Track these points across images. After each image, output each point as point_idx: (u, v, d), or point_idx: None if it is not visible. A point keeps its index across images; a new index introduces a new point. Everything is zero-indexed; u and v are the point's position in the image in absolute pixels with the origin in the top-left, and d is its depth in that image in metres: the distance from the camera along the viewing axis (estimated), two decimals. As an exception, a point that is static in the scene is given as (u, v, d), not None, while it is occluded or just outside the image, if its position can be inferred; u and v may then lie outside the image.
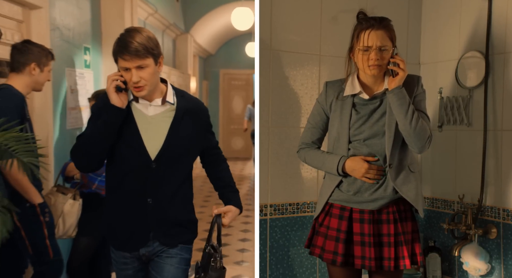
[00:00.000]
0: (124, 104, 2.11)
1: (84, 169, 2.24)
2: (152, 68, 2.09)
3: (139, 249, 2.19)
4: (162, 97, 2.18)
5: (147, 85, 2.10)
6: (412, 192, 2.36)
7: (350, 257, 2.36)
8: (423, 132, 2.28)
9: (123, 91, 2.11)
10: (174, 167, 2.17)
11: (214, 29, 9.99)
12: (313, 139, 2.51)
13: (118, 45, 2.06)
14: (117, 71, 2.12)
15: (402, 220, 2.38)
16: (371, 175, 2.32)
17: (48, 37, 3.56)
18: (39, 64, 2.91)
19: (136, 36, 2.05)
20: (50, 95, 3.29)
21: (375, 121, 2.35)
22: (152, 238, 2.18)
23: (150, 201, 2.15)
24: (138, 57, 2.04)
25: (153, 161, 2.14)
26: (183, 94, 2.27)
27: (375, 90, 2.37)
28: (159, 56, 2.12)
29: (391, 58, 2.28)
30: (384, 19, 2.29)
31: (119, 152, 2.15)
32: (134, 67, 2.05)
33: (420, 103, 2.37)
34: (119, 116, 2.10)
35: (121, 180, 2.17)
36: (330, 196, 2.42)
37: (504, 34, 3.07)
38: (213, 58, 12.13)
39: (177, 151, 2.17)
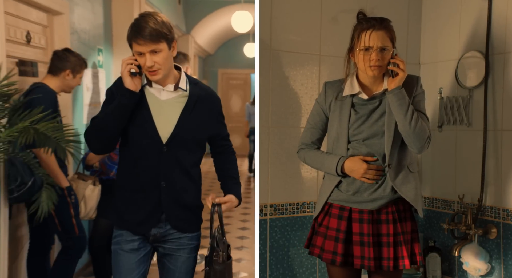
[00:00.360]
0: (138, 87, 2.16)
1: (96, 151, 2.28)
2: (166, 53, 2.13)
3: (151, 229, 2.23)
4: (175, 83, 2.23)
5: (161, 69, 2.14)
6: (412, 192, 2.36)
7: (350, 257, 2.36)
8: (422, 133, 2.28)
9: (137, 75, 2.15)
10: (184, 151, 2.21)
11: (213, 30, 10.36)
12: (313, 140, 2.51)
13: (132, 30, 2.10)
14: (132, 56, 2.16)
15: (402, 220, 2.38)
16: (370, 175, 2.32)
17: (69, 40, 3.95)
18: (73, 71, 3.38)
19: (150, 20, 2.08)
20: (70, 93, 3.61)
21: (374, 121, 2.35)
22: (164, 220, 2.23)
23: (164, 184, 2.20)
24: (152, 41, 2.07)
25: (164, 145, 2.18)
26: (197, 82, 2.31)
27: (374, 90, 2.37)
28: (173, 41, 2.16)
29: (391, 59, 2.28)
30: (384, 20, 2.29)
31: (131, 135, 2.20)
32: (148, 51, 2.09)
33: (419, 104, 2.37)
34: (133, 99, 2.14)
35: (134, 163, 2.21)
36: (330, 196, 2.42)
37: (504, 34, 3.07)
38: (212, 58, 12.49)
39: (187, 136, 2.21)
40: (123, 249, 2.25)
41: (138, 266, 2.25)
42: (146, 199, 2.21)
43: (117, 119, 2.14)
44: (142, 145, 2.19)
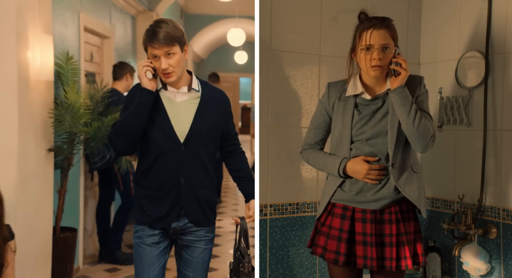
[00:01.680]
0: (154, 88, 2.31)
1: (120, 152, 2.45)
2: (179, 55, 2.28)
3: (171, 223, 2.38)
4: (188, 84, 2.38)
5: (175, 72, 2.28)
6: (415, 192, 2.36)
7: (352, 256, 2.36)
8: (426, 132, 2.28)
9: (153, 77, 2.31)
10: (201, 149, 2.37)
11: (208, 39, 12.16)
12: (316, 140, 2.51)
13: (148, 35, 2.26)
14: (147, 59, 2.32)
15: (405, 220, 2.38)
16: (373, 176, 2.32)
17: (113, 56, 5.38)
18: (131, 74, 4.75)
19: (164, 26, 2.25)
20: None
21: (377, 121, 2.35)
22: (183, 214, 2.38)
23: (183, 181, 2.34)
24: (166, 44, 2.23)
25: (182, 144, 2.33)
26: (207, 84, 2.46)
27: (377, 90, 2.37)
28: (185, 44, 2.32)
29: (393, 58, 2.28)
30: (386, 19, 2.29)
31: (150, 136, 2.34)
32: (162, 54, 2.24)
33: (422, 103, 2.36)
34: (150, 98, 2.29)
35: (154, 163, 2.35)
36: (333, 195, 2.42)
37: (504, 34, 3.07)
38: (204, 63, 14.04)
39: (203, 134, 2.36)
40: (144, 243, 2.39)
41: (159, 258, 2.40)
42: (167, 195, 2.35)
43: (137, 118, 2.28)
44: (161, 145, 2.33)
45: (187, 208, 2.37)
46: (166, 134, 2.32)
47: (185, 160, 2.34)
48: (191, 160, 2.35)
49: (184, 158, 2.33)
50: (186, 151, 2.33)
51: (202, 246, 2.43)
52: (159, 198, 2.36)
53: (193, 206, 2.38)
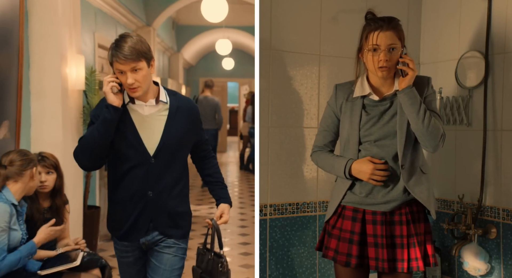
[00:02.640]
0: (120, 103, 2.26)
1: (85, 168, 2.41)
2: (145, 71, 2.23)
3: (140, 239, 2.35)
4: (156, 97, 2.34)
5: (141, 87, 2.24)
6: (425, 193, 2.35)
7: (364, 258, 2.36)
8: (436, 131, 2.27)
9: (119, 92, 2.27)
10: (171, 161, 2.33)
11: (197, 47, 13.16)
12: (325, 142, 2.50)
13: (113, 50, 2.21)
14: (113, 74, 2.27)
15: (415, 221, 2.37)
16: (378, 177, 2.30)
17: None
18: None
19: (129, 40, 2.20)
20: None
21: (386, 122, 2.34)
22: (152, 228, 2.34)
23: (151, 194, 2.31)
24: (132, 60, 2.18)
25: (152, 157, 2.30)
26: (175, 94, 2.42)
27: (385, 91, 2.36)
28: (151, 59, 2.27)
29: (400, 58, 2.27)
30: (392, 20, 2.29)
31: (119, 151, 2.31)
32: (128, 69, 2.20)
33: (431, 104, 2.36)
34: (116, 114, 2.25)
35: (123, 176, 2.33)
36: (343, 198, 2.41)
37: (504, 34, 3.07)
38: (193, 69, 14.89)
39: (173, 145, 2.32)
40: (122, 261, 2.45)
41: (139, 271, 2.46)
42: (134, 208, 2.32)
43: (102, 134, 2.24)
44: (130, 158, 2.30)
45: (156, 221, 2.33)
46: (135, 148, 2.29)
47: (155, 173, 2.31)
48: (161, 172, 2.32)
49: (154, 171, 2.30)
50: (156, 164, 2.30)
51: (172, 252, 2.36)
52: (128, 211, 2.33)
53: (163, 219, 2.34)
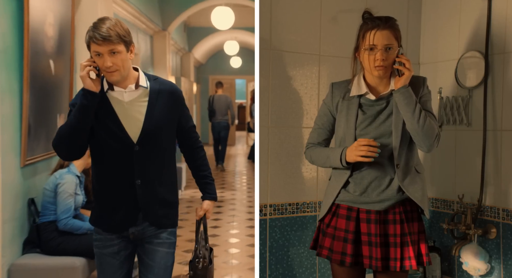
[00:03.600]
0: (98, 88, 2.19)
1: (65, 157, 2.33)
2: (124, 55, 2.16)
3: (129, 228, 2.28)
4: (136, 82, 2.26)
5: (119, 71, 2.17)
6: (419, 192, 2.36)
7: (359, 257, 2.37)
8: (431, 131, 2.28)
9: (96, 77, 2.19)
10: (156, 147, 2.27)
11: (206, 46, 14.32)
12: (319, 140, 2.50)
13: (91, 31, 2.13)
14: (90, 58, 2.19)
15: (409, 220, 2.38)
16: (363, 152, 2.26)
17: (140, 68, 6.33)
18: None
19: (108, 23, 2.13)
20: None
21: (382, 122, 2.35)
22: (141, 218, 2.28)
23: (139, 182, 2.24)
24: (110, 41, 2.11)
25: (136, 144, 2.23)
26: (156, 78, 2.35)
27: (381, 91, 2.37)
28: (131, 44, 2.20)
29: (396, 58, 2.28)
30: (389, 19, 2.29)
31: (102, 140, 2.24)
32: (106, 51, 2.12)
33: (426, 104, 2.37)
34: (93, 100, 2.17)
35: (108, 166, 2.26)
36: (337, 197, 2.41)
37: (504, 34, 3.07)
38: (203, 67, 16.05)
39: (156, 131, 2.26)
40: (103, 253, 2.32)
41: (121, 267, 2.33)
42: (123, 198, 2.26)
43: (80, 121, 2.17)
44: (113, 147, 2.23)
45: (145, 210, 2.27)
46: (117, 136, 2.22)
47: (141, 160, 2.24)
48: (147, 159, 2.25)
49: (139, 159, 2.23)
50: (140, 151, 2.23)
51: (164, 249, 2.32)
52: (115, 202, 2.27)
53: (152, 208, 2.28)
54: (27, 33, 3.34)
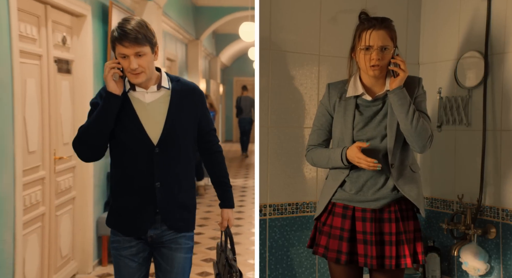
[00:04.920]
0: (120, 91, 2.17)
1: (85, 159, 2.29)
2: (149, 56, 2.14)
3: (148, 231, 2.24)
4: (157, 83, 2.23)
5: (145, 73, 2.15)
6: (414, 191, 2.38)
7: (354, 255, 2.38)
8: (424, 132, 2.30)
9: (120, 79, 2.17)
10: (176, 149, 2.23)
11: (232, 51, 15.63)
12: (319, 141, 2.51)
13: (117, 32, 2.10)
14: (114, 59, 2.17)
15: (404, 219, 2.39)
16: (363, 165, 2.28)
17: (177, 73, 7.89)
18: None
19: (135, 23, 2.10)
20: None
21: (378, 123, 2.36)
22: (160, 221, 2.24)
23: (158, 185, 2.21)
24: (137, 43, 2.09)
25: (155, 146, 2.20)
26: (178, 79, 2.32)
27: (377, 91, 2.38)
28: (155, 46, 2.18)
29: (392, 59, 2.29)
30: (385, 20, 2.30)
31: (122, 141, 2.21)
32: (132, 54, 2.10)
33: (420, 104, 2.38)
34: (116, 103, 2.16)
35: (127, 168, 2.23)
36: (333, 195, 2.43)
37: (503, 34, 3.08)
38: (228, 69, 17.30)
39: (177, 133, 2.22)
40: (121, 255, 2.28)
41: (139, 269, 2.29)
42: (142, 201, 2.22)
43: (102, 123, 2.16)
44: (133, 149, 2.20)
45: (164, 213, 2.23)
46: (138, 137, 2.19)
47: (160, 163, 2.20)
48: (167, 162, 2.21)
49: (159, 161, 2.20)
50: (160, 153, 2.19)
51: (182, 254, 2.28)
52: (135, 204, 2.22)
53: (171, 211, 2.24)
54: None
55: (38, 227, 3.51)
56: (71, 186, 4.10)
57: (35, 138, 3.46)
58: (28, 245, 3.34)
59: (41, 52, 3.54)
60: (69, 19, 3.99)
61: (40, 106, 3.55)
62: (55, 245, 3.80)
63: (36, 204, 3.49)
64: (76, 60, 4.12)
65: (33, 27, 3.44)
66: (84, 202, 4.20)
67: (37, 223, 3.50)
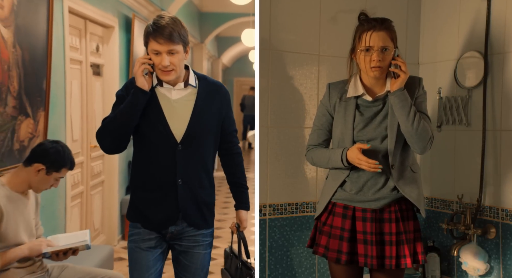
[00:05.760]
0: (149, 87, 2.19)
1: (108, 151, 2.30)
2: (181, 55, 2.16)
3: (169, 227, 2.27)
4: (185, 80, 2.25)
5: (175, 70, 2.16)
6: (415, 192, 2.38)
7: (354, 255, 2.38)
8: (424, 133, 2.30)
9: (149, 74, 2.18)
10: (199, 148, 2.25)
11: (233, 52, 16.22)
12: (320, 141, 2.51)
13: (152, 28, 2.11)
14: (146, 55, 2.18)
15: (404, 219, 2.39)
16: (364, 167, 2.29)
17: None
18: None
19: (170, 21, 2.12)
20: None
21: (378, 123, 2.36)
22: (181, 217, 2.26)
23: (180, 181, 2.23)
24: (171, 41, 2.10)
25: (179, 143, 2.21)
26: (205, 77, 2.33)
27: (377, 91, 2.38)
28: (188, 44, 2.19)
29: (392, 60, 2.29)
30: (385, 20, 2.30)
31: (146, 136, 2.23)
32: (165, 51, 2.11)
33: (421, 105, 2.38)
34: (144, 99, 2.17)
35: (149, 163, 2.24)
36: (333, 195, 2.43)
37: (503, 34, 3.08)
38: (229, 70, 17.95)
39: (201, 132, 2.24)
40: (140, 247, 2.29)
41: (155, 264, 2.30)
42: (164, 197, 2.24)
43: (128, 117, 2.17)
44: (157, 145, 2.22)
45: (185, 210, 2.25)
46: (162, 133, 2.21)
47: (183, 160, 2.22)
48: (189, 159, 2.23)
49: (182, 158, 2.21)
50: (183, 151, 2.21)
51: (202, 251, 2.32)
52: (156, 200, 2.25)
53: (191, 209, 2.26)
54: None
55: (78, 203, 4.38)
56: (101, 171, 5.01)
57: (77, 129, 4.31)
58: (72, 217, 4.13)
59: (81, 58, 4.40)
60: (101, 30, 4.87)
61: (80, 103, 4.40)
62: (91, 219, 4.69)
63: (77, 183, 4.35)
64: (106, 64, 4.98)
65: (77, 38, 4.30)
66: (111, 185, 5.12)
67: (77, 200, 4.36)
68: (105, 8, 4.69)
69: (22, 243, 2.48)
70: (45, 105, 3.42)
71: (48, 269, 2.70)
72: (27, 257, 2.50)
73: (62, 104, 3.80)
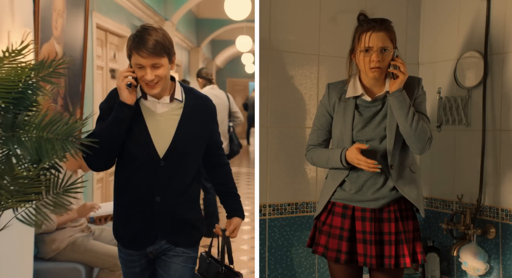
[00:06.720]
0: (134, 101, 2.10)
1: (95, 168, 2.20)
2: (166, 67, 2.07)
3: (147, 248, 2.19)
4: (171, 94, 2.16)
5: (160, 84, 2.08)
6: (414, 192, 2.38)
7: (353, 255, 2.38)
8: (423, 134, 2.30)
9: (133, 87, 2.10)
10: (182, 164, 2.16)
11: (226, 54, 16.97)
12: (319, 141, 2.51)
13: (134, 41, 2.04)
14: (129, 67, 2.11)
15: (403, 218, 2.40)
16: (363, 166, 2.29)
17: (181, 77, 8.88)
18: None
19: (154, 33, 2.03)
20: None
21: (377, 124, 2.36)
22: (159, 236, 2.17)
23: (158, 199, 2.14)
24: (155, 55, 2.02)
25: (161, 159, 2.12)
26: (191, 90, 2.25)
27: (377, 92, 2.38)
28: (173, 56, 2.11)
29: (391, 61, 2.29)
30: (385, 21, 2.30)
31: (127, 150, 2.13)
32: (149, 65, 2.03)
33: (420, 105, 2.38)
34: (129, 113, 2.08)
35: (130, 179, 2.16)
36: (333, 195, 2.43)
37: (503, 34, 3.08)
38: (222, 71, 18.45)
39: (185, 148, 2.15)
40: (124, 260, 2.26)
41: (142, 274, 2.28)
42: (140, 215, 2.16)
43: (114, 134, 2.08)
44: (138, 159, 2.13)
45: (163, 229, 2.16)
46: (144, 148, 2.11)
47: (163, 177, 2.12)
48: (170, 176, 2.13)
49: (163, 174, 2.12)
50: (165, 167, 2.11)
51: (180, 262, 2.18)
52: (133, 218, 2.16)
53: (170, 227, 2.17)
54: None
55: (100, 187, 4.99)
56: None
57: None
58: (94, 199, 4.62)
59: (103, 65, 5.14)
60: (117, 40, 5.67)
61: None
62: (109, 199, 5.03)
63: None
64: (120, 69, 5.26)
65: (99, 48, 5.02)
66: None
67: (99, 184, 4.97)
68: (120, 21, 5.51)
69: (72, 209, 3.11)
70: (81, 104, 4.11)
71: (91, 230, 3.44)
72: (77, 219, 3.28)
73: (91, 103, 4.46)
